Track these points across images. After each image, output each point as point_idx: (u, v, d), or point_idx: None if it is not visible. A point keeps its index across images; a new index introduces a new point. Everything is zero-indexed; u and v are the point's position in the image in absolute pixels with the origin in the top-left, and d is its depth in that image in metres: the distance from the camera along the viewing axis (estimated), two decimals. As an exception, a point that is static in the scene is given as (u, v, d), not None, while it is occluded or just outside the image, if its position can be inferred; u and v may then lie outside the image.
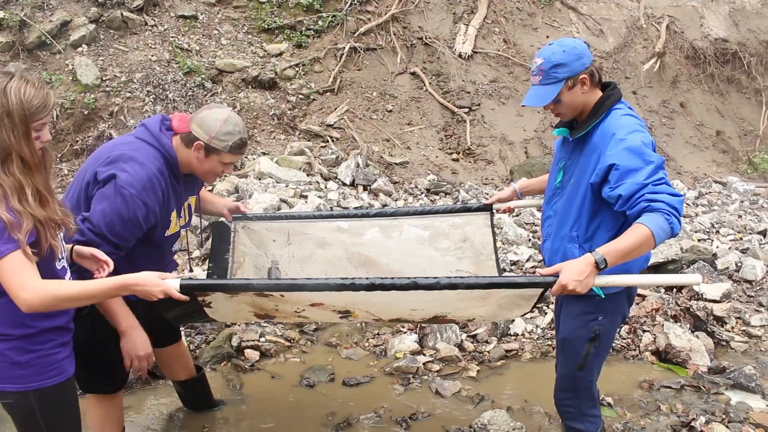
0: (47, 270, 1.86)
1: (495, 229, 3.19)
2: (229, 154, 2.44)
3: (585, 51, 2.34)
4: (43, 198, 1.82)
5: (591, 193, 2.32)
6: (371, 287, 2.05)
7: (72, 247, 2.14)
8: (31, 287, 1.72)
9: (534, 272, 2.38)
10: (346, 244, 3.16)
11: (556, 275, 2.09)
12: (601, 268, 2.07)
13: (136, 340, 2.36)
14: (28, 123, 1.77)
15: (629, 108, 2.41)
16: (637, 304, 4.52)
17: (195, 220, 2.85)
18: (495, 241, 3.14)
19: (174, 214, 2.52)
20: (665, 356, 4.09)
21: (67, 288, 1.81)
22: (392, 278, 2.08)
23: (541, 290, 2.23)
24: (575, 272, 2.05)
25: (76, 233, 2.10)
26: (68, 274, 2.00)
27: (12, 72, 1.81)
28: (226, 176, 6.43)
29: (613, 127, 2.29)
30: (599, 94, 2.39)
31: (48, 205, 1.83)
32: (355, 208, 6.12)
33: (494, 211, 3.12)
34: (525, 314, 2.62)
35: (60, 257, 1.94)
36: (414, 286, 2.06)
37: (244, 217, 3.06)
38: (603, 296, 2.28)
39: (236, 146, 2.43)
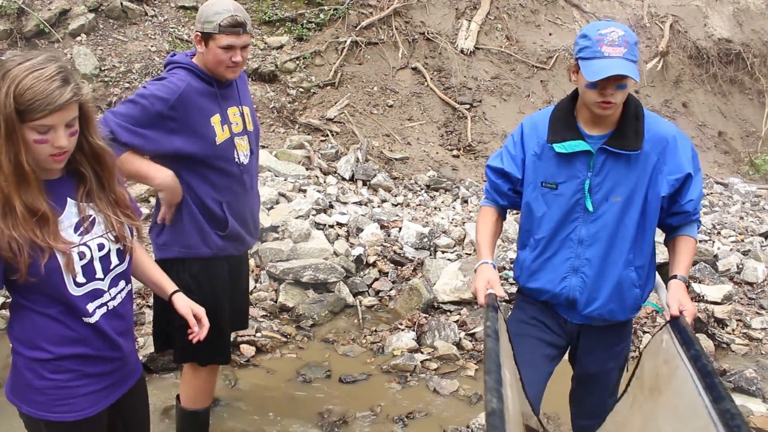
0: (53, 293, 1.63)
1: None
2: (222, 35, 2.35)
3: None
4: (26, 219, 1.54)
5: (655, 207, 2.10)
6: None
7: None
8: None
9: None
10: None
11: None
12: None
13: (174, 189, 2.42)
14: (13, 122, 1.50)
15: None
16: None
17: None
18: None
19: (215, 118, 2.47)
20: (665, 358, 4.05)
21: None
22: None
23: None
24: (690, 300, 2.03)
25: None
26: (100, 301, 1.71)
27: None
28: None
29: (662, 130, 2.10)
30: None
31: (42, 228, 1.56)
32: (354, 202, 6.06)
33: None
34: None
35: (80, 281, 1.66)
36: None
37: None
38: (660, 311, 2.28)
39: (227, 24, 2.35)
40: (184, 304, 1.98)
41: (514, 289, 4.03)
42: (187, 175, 2.45)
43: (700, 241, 5.84)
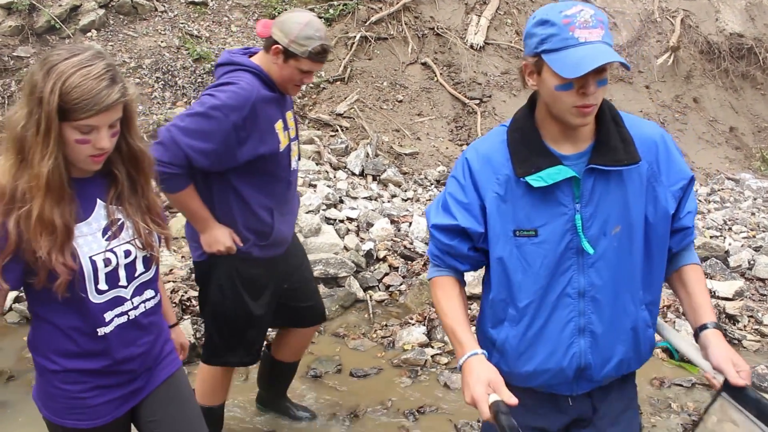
0: (71, 300, 1.57)
1: None
2: (308, 61, 2.31)
3: None
4: (48, 231, 1.46)
5: (663, 228, 1.64)
6: None
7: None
8: None
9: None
10: None
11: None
12: None
13: (212, 234, 2.39)
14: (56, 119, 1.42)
15: None
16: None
17: None
18: None
19: (279, 124, 2.41)
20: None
21: None
22: None
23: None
24: (739, 356, 1.58)
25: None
26: (120, 310, 1.66)
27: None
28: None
29: (647, 131, 1.65)
30: None
31: (48, 238, 1.47)
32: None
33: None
34: None
35: (102, 289, 1.60)
36: None
37: None
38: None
39: (316, 53, 2.30)
40: (175, 339, 2.06)
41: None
42: (239, 184, 2.38)
43: (711, 237, 5.82)
